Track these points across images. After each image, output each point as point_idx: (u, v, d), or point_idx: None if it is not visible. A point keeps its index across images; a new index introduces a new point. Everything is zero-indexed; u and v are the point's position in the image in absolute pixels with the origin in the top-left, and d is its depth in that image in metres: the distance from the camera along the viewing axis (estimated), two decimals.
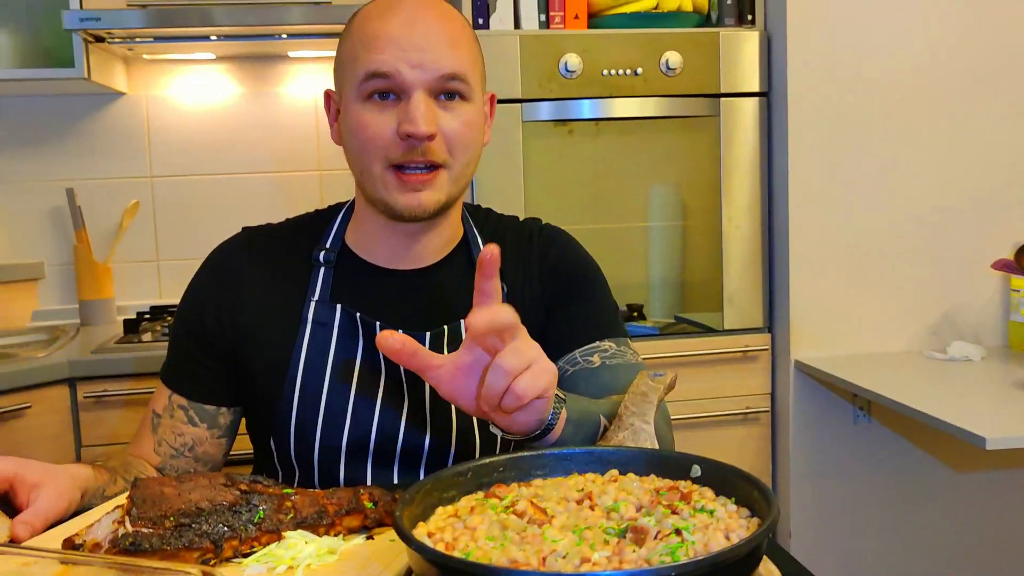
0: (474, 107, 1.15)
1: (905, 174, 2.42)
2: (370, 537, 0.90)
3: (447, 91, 1.12)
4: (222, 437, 1.24)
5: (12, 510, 0.95)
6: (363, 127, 1.12)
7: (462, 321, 1.20)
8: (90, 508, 1.01)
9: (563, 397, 0.99)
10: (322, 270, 1.21)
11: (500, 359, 0.86)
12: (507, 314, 0.87)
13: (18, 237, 2.70)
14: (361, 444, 1.17)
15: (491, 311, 0.86)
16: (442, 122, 1.11)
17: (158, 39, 2.42)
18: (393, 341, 0.90)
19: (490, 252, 0.88)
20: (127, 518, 0.82)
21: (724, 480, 0.82)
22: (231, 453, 1.28)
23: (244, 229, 1.28)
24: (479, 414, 0.93)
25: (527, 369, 0.88)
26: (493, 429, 0.96)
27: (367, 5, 1.17)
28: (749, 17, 2.45)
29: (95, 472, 1.06)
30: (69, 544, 0.84)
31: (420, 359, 0.92)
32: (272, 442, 1.21)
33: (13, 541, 0.89)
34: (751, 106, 2.43)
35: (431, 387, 1.16)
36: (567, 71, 2.32)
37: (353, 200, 1.27)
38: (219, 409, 1.23)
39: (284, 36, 2.44)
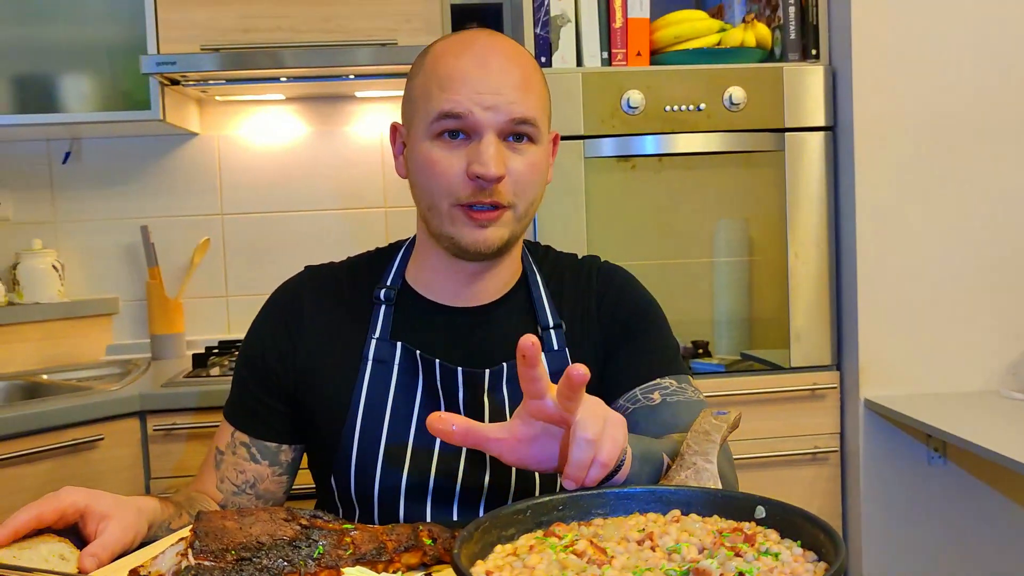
0: (540, 149, 1.16)
1: (978, 206, 2.35)
2: (429, 575, 0.90)
3: (516, 134, 1.12)
4: (283, 475, 1.25)
5: (81, 540, 0.97)
6: (432, 164, 1.12)
7: None
8: (156, 540, 1.03)
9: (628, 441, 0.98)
10: (383, 308, 1.22)
11: (581, 431, 0.86)
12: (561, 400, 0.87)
13: (95, 273, 2.79)
14: (421, 482, 1.17)
15: (546, 408, 0.87)
16: (510, 163, 1.11)
17: (230, 81, 2.49)
18: (442, 426, 0.89)
19: (530, 343, 0.85)
20: (190, 551, 0.83)
21: (789, 522, 0.80)
22: (293, 488, 1.28)
23: (307, 267, 1.30)
24: (550, 471, 0.93)
25: (604, 431, 0.88)
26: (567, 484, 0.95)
27: (440, 42, 1.18)
28: (813, 52, 2.43)
29: (162, 505, 1.08)
30: (134, 575, 0.85)
31: (474, 436, 0.91)
32: (333, 480, 1.21)
33: (81, 572, 0.91)
34: (816, 141, 2.40)
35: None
36: (629, 107, 2.33)
37: (414, 237, 1.28)
38: (280, 447, 1.24)
39: (352, 77, 2.49)
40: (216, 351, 2.54)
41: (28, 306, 2.63)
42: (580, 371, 0.84)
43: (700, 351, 2.49)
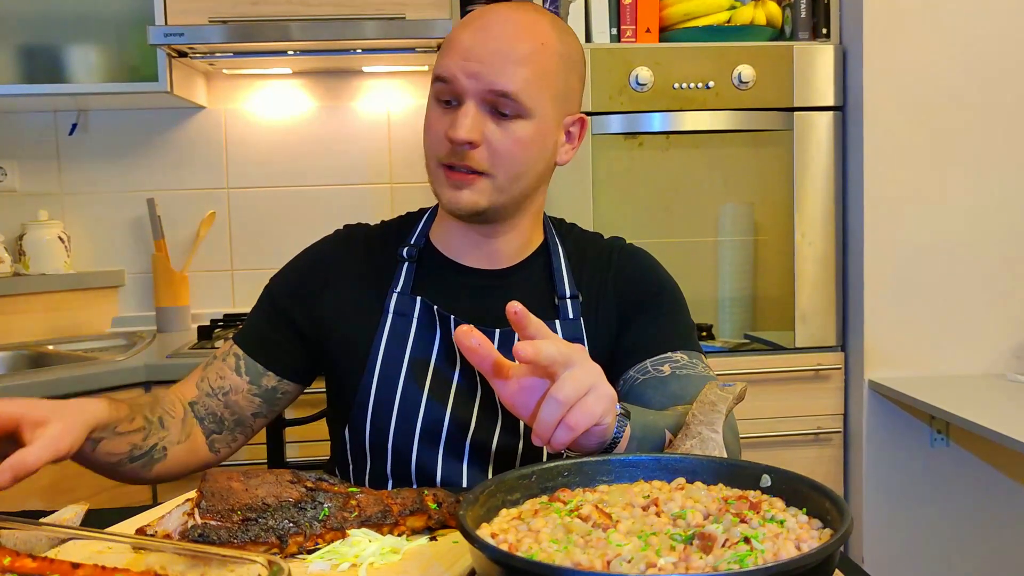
0: (531, 125, 1.16)
1: (986, 189, 2.35)
2: (433, 538, 0.90)
3: (496, 107, 1.14)
4: (257, 396, 1.27)
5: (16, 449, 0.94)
6: (427, 126, 1.19)
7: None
8: (100, 444, 1.07)
9: (627, 412, 0.98)
10: (405, 265, 1.27)
11: (554, 391, 0.85)
12: (550, 349, 0.85)
13: (101, 246, 2.79)
14: (434, 431, 1.20)
15: (534, 345, 0.85)
16: (489, 133, 1.14)
17: (238, 54, 2.48)
18: (471, 339, 0.88)
19: (513, 310, 0.87)
20: (196, 510, 0.84)
21: (795, 490, 0.80)
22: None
23: (345, 226, 1.36)
24: (527, 422, 0.93)
25: (582, 398, 0.86)
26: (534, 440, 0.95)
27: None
28: (824, 31, 2.42)
29: (111, 407, 1.08)
30: (141, 533, 0.85)
31: (487, 363, 0.91)
32: (348, 429, 1.25)
33: None
34: (825, 120, 2.38)
35: None
36: (638, 84, 2.32)
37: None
38: (267, 372, 1.27)
39: (359, 51, 2.48)
40: (221, 324, 2.55)
41: (34, 277, 2.63)
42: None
43: (704, 334, 2.49)
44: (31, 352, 2.46)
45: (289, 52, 2.48)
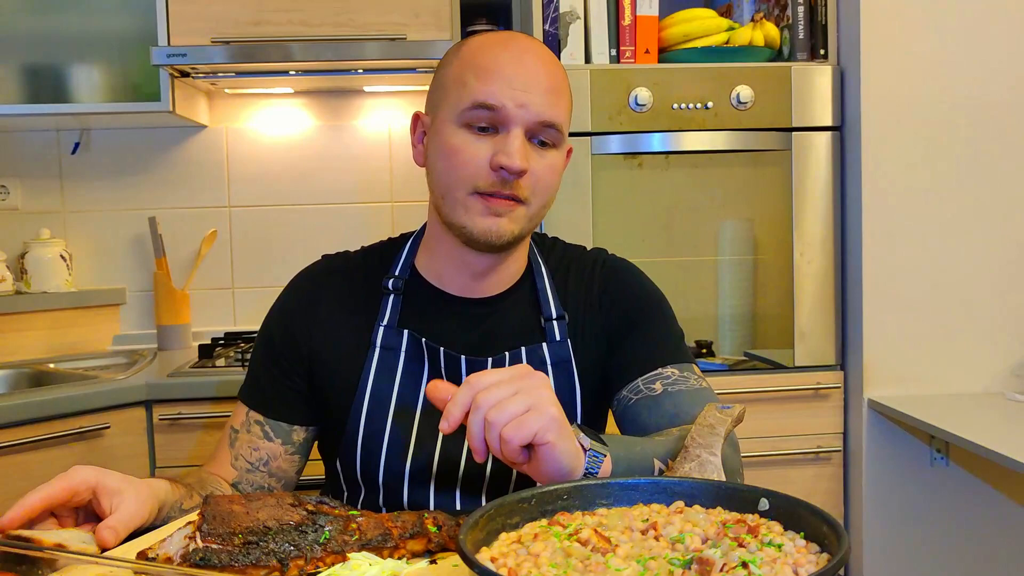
0: (559, 154, 1.19)
1: (985, 208, 2.36)
2: (433, 561, 0.90)
3: (540, 135, 1.15)
4: (295, 454, 1.27)
5: (94, 518, 0.98)
6: (457, 151, 1.14)
7: (523, 349, 1.23)
8: (168, 521, 1.04)
9: (604, 449, 0.95)
10: (391, 297, 1.25)
11: (490, 413, 0.86)
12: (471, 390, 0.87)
13: (103, 264, 2.80)
14: (424, 468, 1.19)
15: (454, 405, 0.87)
16: (534, 162, 1.14)
17: (240, 74, 2.50)
18: (439, 394, 0.89)
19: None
20: (198, 534, 0.84)
21: (793, 514, 0.80)
22: (300, 478, 1.30)
23: (324, 256, 1.33)
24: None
25: (519, 416, 0.86)
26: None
27: (479, 36, 1.21)
28: (822, 51, 2.43)
29: (172, 486, 1.09)
30: (143, 557, 0.86)
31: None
32: (338, 462, 1.24)
33: (100, 546, 0.92)
34: (823, 140, 2.40)
35: None
36: (637, 105, 2.33)
37: (423, 227, 1.30)
38: (293, 427, 1.26)
39: (360, 71, 2.50)
40: (222, 342, 2.55)
41: (36, 295, 2.64)
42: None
43: (704, 351, 2.49)
44: (32, 370, 2.47)
45: (291, 72, 2.50)
